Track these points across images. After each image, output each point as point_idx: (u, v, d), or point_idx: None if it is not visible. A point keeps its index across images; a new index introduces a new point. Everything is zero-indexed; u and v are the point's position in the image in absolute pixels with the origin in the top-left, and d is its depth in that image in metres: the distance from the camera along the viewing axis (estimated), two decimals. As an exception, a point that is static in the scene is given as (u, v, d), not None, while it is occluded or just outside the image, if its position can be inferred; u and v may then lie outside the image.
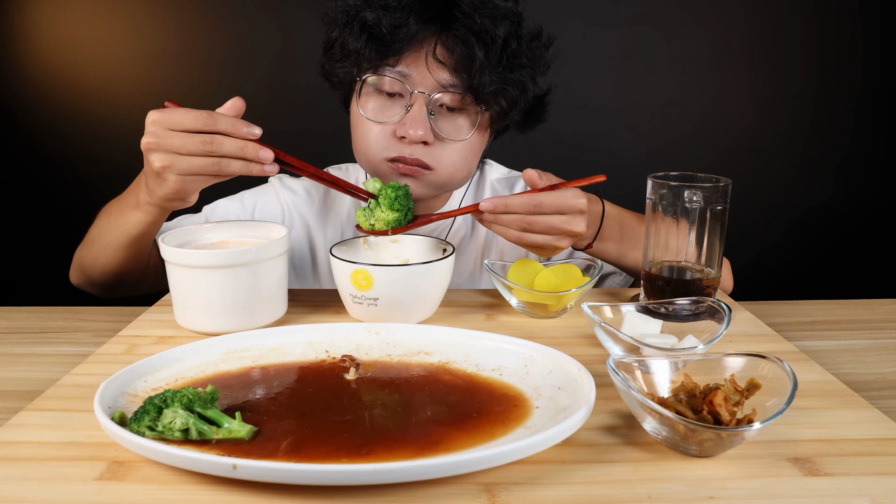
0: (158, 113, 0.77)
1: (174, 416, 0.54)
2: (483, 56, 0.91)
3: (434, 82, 0.94)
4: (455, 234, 1.14)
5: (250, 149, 0.77)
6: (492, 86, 0.92)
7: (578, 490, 0.51)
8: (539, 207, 0.82)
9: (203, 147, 0.76)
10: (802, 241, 2.09)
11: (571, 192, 0.84)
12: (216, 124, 0.76)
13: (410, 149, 0.96)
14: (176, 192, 0.80)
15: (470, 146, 0.99)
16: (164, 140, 0.76)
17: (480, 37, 0.91)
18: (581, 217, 0.84)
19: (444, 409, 0.60)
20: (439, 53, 0.93)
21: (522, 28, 0.96)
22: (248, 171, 0.78)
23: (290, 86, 1.88)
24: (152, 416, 0.54)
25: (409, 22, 0.91)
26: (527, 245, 0.86)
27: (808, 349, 0.80)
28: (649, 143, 2.01)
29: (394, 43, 0.92)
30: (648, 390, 0.60)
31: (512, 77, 0.94)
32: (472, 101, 0.95)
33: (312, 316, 0.87)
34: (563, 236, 0.85)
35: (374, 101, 0.98)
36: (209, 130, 0.76)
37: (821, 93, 2.00)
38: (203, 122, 0.76)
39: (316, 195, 1.17)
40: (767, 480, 0.52)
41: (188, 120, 0.76)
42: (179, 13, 1.93)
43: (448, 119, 0.97)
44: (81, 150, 1.99)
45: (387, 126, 0.97)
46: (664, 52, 1.96)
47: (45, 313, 0.95)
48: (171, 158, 0.76)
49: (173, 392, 0.55)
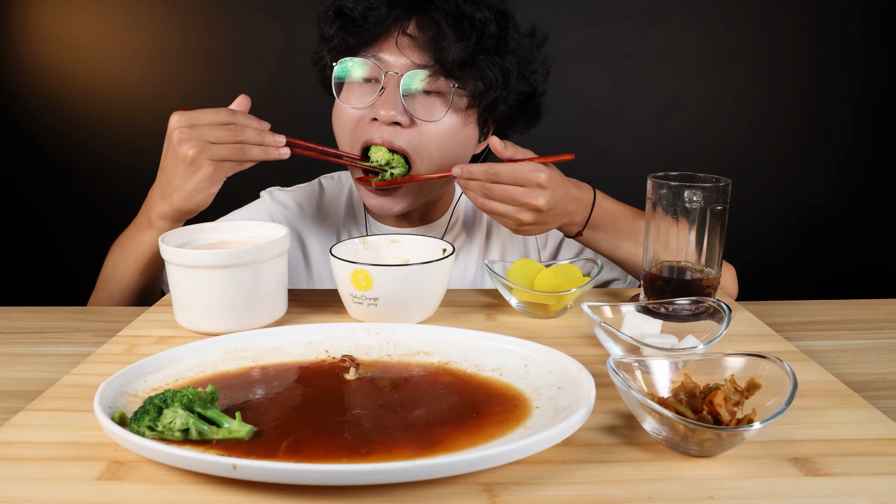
0: (182, 113, 0.87)
1: (174, 416, 0.54)
2: (453, 32, 0.92)
3: (405, 62, 0.94)
4: (455, 240, 1.14)
5: (267, 135, 0.88)
6: (458, 55, 0.92)
7: (578, 490, 0.51)
8: (496, 176, 0.86)
9: (230, 135, 0.86)
10: (802, 241, 2.09)
11: (532, 166, 0.86)
12: (236, 117, 0.87)
13: (382, 133, 0.95)
14: (208, 179, 0.87)
15: (448, 133, 0.98)
16: (194, 132, 0.85)
17: (453, 16, 0.92)
18: (541, 191, 0.86)
19: (444, 409, 0.60)
20: (411, 32, 0.94)
21: (508, 22, 0.96)
22: (266, 155, 0.88)
23: (291, 86, 1.87)
24: (152, 416, 0.54)
25: (381, 5, 0.94)
26: (490, 212, 0.89)
27: (808, 349, 0.79)
28: (649, 143, 2.01)
29: (366, 25, 0.94)
30: (648, 390, 0.60)
31: (489, 58, 0.94)
32: (442, 77, 0.94)
33: (312, 316, 0.87)
34: (523, 208, 0.87)
35: (351, 89, 0.98)
36: (230, 123, 0.86)
37: (821, 93, 2.00)
38: (226, 116, 0.87)
39: (308, 208, 1.16)
40: (767, 480, 0.52)
41: (212, 115, 0.86)
42: (179, 13, 1.93)
43: (422, 101, 0.96)
44: (81, 149, 1.99)
45: (362, 111, 0.97)
46: (664, 51, 1.96)
47: (45, 313, 0.95)
48: (203, 145, 0.85)
49: (173, 392, 0.55)
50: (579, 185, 0.94)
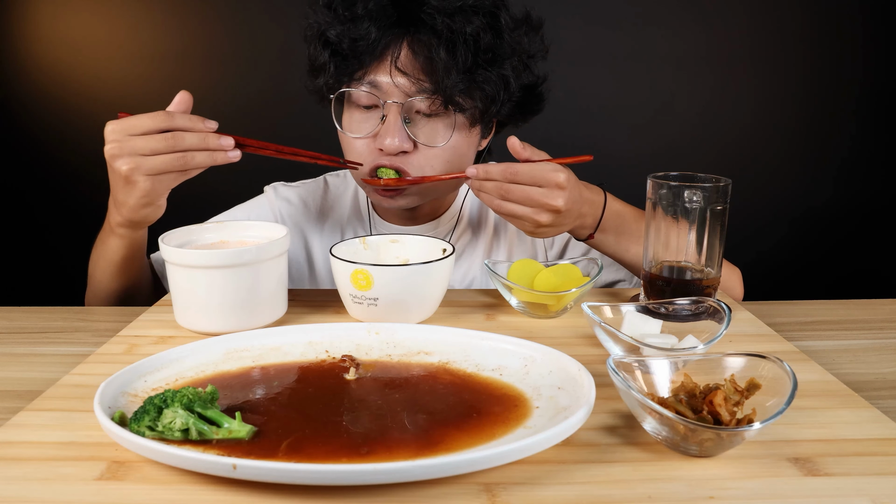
0: (115, 122, 0.79)
1: (174, 416, 0.54)
2: (446, 57, 0.89)
3: (403, 89, 0.92)
4: (458, 240, 1.13)
5: (211, 138, 0.80)
6: (459, 86, 0.90)
7: (578, 490, 0.51)
8: (515, 176, 0.84)
9: (166, 143, 0.78)
10: (802, 241, 2.09)
11: (551, 167, 0.85)
12: (174, 122, 0.79)
13: (391, 159, 0.95)
14: (147, 195, 0.81)
15: (453, 150, 0.97)
16: (127, 144, 0.78)
17: (442, 37, 0.89)
18: (559, 192, 0.84)
19: (444, 409, 0.60)
20: (404, 58, 0.92)
21: (500, 19, 0.93)
22: (213, 160, 0.81)
23: (291, 86, 1.86)
24: (152, 416, 0.54)
25: (369, 32, 0.90)
26: (507, 215, 0.87)
27: (808, 349, 0.79)
28: (649, 143, 2.01)
29: (356, 56, 0.92)
30: (648, 390, 0.60)
31: (487, 74, 0.92)
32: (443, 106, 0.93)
33: (312, 316, 0.87)
34: (541, 209, 0.85)
35: (352, 115, 0.97)
36: (168, 128, 0.79)
37: (821, 93, 2.00)
38: (161, 121, 0.78)
39: (312, 204, 1.15)
40: (767, 480, 0.52)
41: (146, 122, 0.78)
42: (179, 13, 1.93)
43: (425, 124, 0.95)
44: (81, 150, 1.99)
45: (367, 139, 0.96)
46: (664, 51, 1.96)
47: (45, 313, 0.95)
48: (136, 160, 0.78)
49: (173, 392, 0.55)
50: (591, 188, 0.93)
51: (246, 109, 1.91)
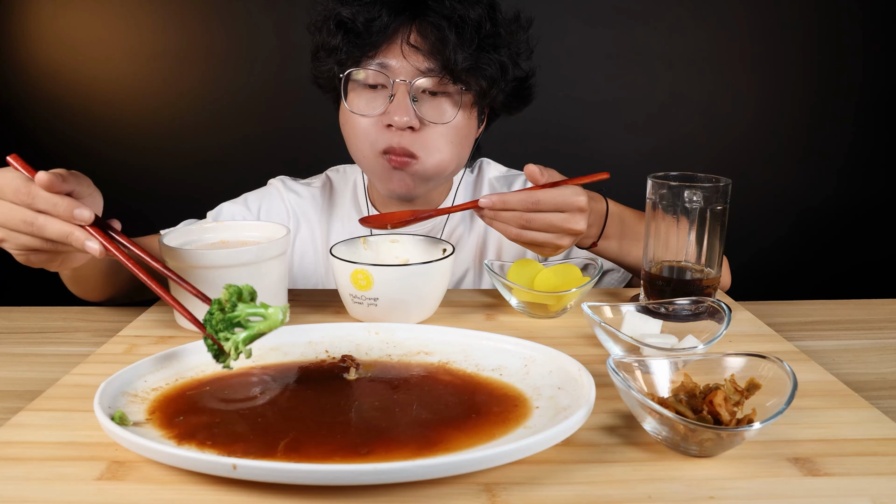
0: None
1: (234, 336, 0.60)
2: (455, 37, 0.93)
3: (412, 69, 0.95)
4: (452, 232, 1.14)
5: (76, 238, 0.67)
6: (465, 63, 0.94)
7: (578, 490, 0.51)
8: (537, 205, 0.81)
9: (25, 228, 0.67)
10: (802, 240, 2.09)
11: (571, 190, 0.83)
12: (34, 202, 0.67)
13: (399, 137, 0.97)
14: (28, 263, 0.73)
15: (455, 130, 0.99)
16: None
17: (452, 20, 0.93)
18: (581, 215, 0.83)
19: (444, 409, 0.60)
20: (413, 40, 0.95)
21: (496, 13, 0.98)
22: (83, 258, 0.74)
23: (290, 86, 1.87)
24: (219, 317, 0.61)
25: (381, 14, 0.94)
26: (526, 243, 0.85)
27: (808, 349, 0.80)
28: (649, 143, 2.01)
29: (370, 35, 0.95)
30: (648, 390, 0.60)
31: (488, 57, 0.96)
32: (451, 83, 0.96)
33: (312, 316, 0.87)
34: (564, 234, 0.84)
35: (360, 96, 0.99)
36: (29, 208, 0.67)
37: (821, 93, 2.00)
38: (21, 198, 0.66)
39: (321, 197, 1.18)
40: (767, 480, 0.52)
41: (8, 191, 0.67)
42: (179, 13, 1.93)
43: (431, 103, 0.98)
44: (81, 149, 1.99)
45: (374, 118, 0.98)
46: (664, 51, 1.96)
47: (45, 313, 0.95)
48: (4, 232, 0.69)
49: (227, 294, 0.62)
50: (594, 197, 0.93)
51: (246, 109, 1.91)
